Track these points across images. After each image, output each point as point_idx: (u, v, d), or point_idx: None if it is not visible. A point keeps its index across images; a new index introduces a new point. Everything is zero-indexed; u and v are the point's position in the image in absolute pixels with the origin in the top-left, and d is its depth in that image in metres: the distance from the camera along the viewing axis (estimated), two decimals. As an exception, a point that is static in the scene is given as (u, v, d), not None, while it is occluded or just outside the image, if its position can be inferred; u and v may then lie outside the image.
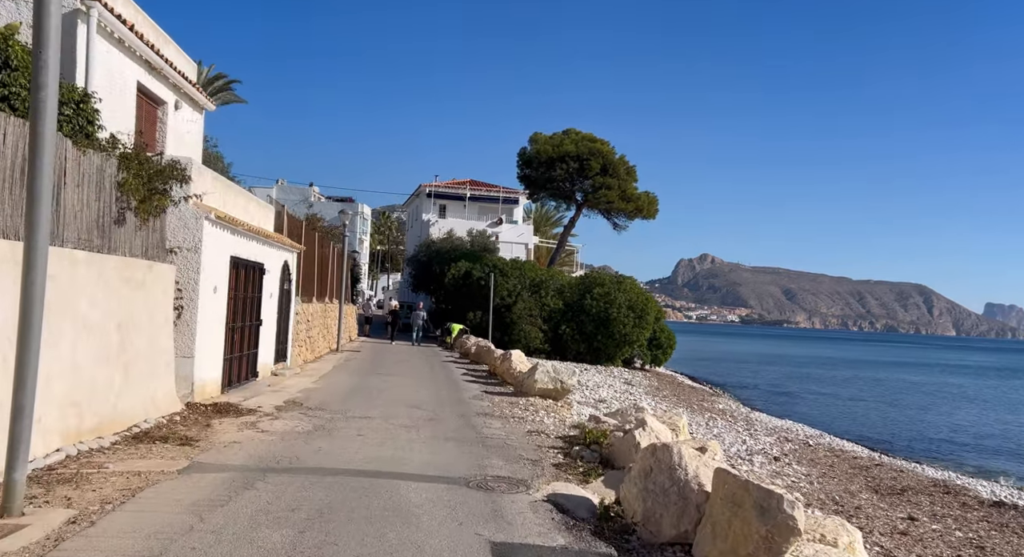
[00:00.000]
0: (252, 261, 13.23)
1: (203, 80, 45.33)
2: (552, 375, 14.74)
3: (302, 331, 19.38)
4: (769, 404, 32.72)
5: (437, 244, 43.22)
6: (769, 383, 47.19)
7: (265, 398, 11.92)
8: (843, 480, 14.85)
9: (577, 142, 37.11)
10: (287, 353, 16.69)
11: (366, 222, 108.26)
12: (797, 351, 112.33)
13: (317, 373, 16.91)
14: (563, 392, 14.86)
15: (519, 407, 13.40)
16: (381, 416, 10.93)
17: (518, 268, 34.66)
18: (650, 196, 38.12)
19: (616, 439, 8.93)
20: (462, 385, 16.44)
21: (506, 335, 32.12)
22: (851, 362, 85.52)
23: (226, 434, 8.64)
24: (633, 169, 37.94)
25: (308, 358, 19.95)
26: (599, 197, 36.66)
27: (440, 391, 14.88)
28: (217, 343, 11.40)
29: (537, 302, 33.33)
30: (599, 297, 32.17)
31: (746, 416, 22.89)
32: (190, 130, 14.13)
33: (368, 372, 18.08)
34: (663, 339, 34.10)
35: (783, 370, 64.48)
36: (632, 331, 31.58)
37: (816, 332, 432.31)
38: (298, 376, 15.90)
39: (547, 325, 32.89)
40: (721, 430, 18.43)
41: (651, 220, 38.54)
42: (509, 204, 52.80)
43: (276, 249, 15.07)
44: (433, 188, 52.30)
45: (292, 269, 16.69)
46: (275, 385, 13.88)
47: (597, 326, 31.99)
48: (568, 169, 36.68)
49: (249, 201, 13.53)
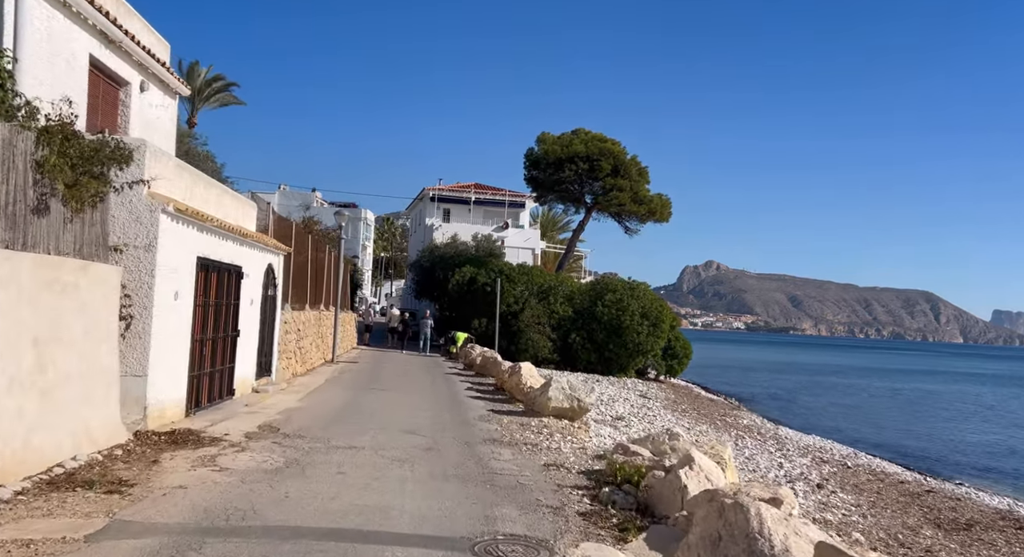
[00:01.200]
0: (227, 263, 11.59)
1: (201, 81, 43.91)
2: (568, 392, 13.05)
3: (291, 341, 17.72)
4: (791, 417, 30.97)
5: (441, 249, 41.58)
6: (785, 393, 45.42)
7: (237, 422, 10.25)
8: (897, 512, 13.12)
9: (587, 142, 35.46)
10: (272, 366, 15.04)
11: (369, 228, 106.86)
12: (806, 359, 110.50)
13: (305, 389, 15.24)
14: (580, 412, 13.16)
15: (531, 430, 11.71)
16: (371, 445, 9.25)
17: (525, 274, 32.99)
18: (663, 198, 36.43)
19: (656, 480, 7.23)
20: (466, 403, 14.75)
21: (513, 344, 30.44)
22: (863, 370, 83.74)
23: (173, 475, 6.97)
24: (645, 170, 36.27)
25: (298, 371, 18.29)
26: (610, 199, 34.97)
27: (441, 411, 13.19)
28: (179, 358, 9.74)
29: (545, 309, 31.64)
30: (611, 304, 30.46)
31: (774, 433, 21.14)
32: (160, 116, 12.54)
33: (363, 387, 16.40)
34: (679, 348, 32.34)
35: (796, 379, 62.72)
36: (646, 340, 29.85)
37: (823, 339, 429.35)
38: (283, 393, 14.23)
39: (556, 333, 31.19)
40: (753, 451, 16.71)
41: (664, 223, 36.86)
42: (515, 208, 51.18)
43: (258, 251, 13.43)
44: (437, 192, 50.71)
45: (278, 273, 15.06)
46: (254, 404, 12.21)
47: (609, 335, 30.27)
48: (577, 170, 35.02)
49: (224, 195, 11.91)
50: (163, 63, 12.54)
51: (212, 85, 44.29)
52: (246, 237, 12.34)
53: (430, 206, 50.73)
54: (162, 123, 12.62)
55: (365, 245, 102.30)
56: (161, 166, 9.11)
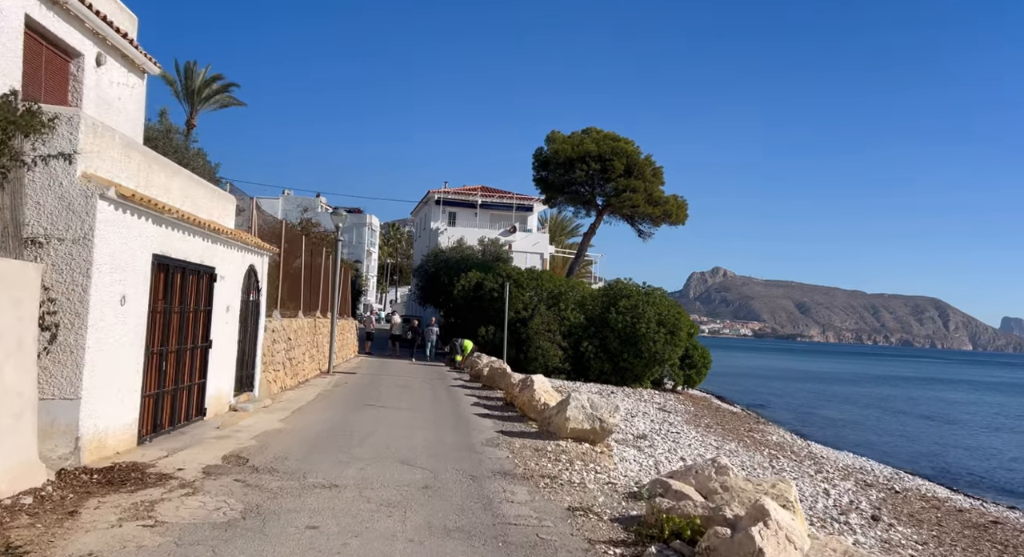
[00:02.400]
0: (195, 263, 9.97)
1: (200, 82, 42.54)
2: (588, 411, 11.37)
3: (280, 352, 16.10)
4: (815, 429, 29.23)
5: (446, 254, 39.99)
6: (804, 403, 43.64)
7: (200, 451, 8.61)
8: (969, 549, 11.40)
9: (598, 141, 33.87)
10: (254, 381, 13.40)
11: (374, 234, 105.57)
12: (817, 366, 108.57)
13: (292, 406, 13.59)
14: (603, 434, 11.48)
15: (547, 457, 10.04)
16: (356, 482, 7.59)
17: (535, 278, 31.33)
18: (679, 200, 34.76)
19: (720, 541, 5.53)
20: (472, 422, 13.08)
21: (521, 353, 28.78)
22: (876, 378, 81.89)
23: (87, 535, 5.32)
24: (660, 170, 34.62)
25: (288, 384, 16.65)
26: (623, 201, 33.33)
27: (444, 433, 11.53)
28: (128, 375, 8.11)
29: (555, 316, 29.95)
30: (625, 310, 28.77)
31: (807, 451, 19.39)
32: (123, 96, 10.96)
33: (357, 403, 14.75)
34: (697, 357, 30.59)
35: (810, 387, 60.96)
36: (663, 348, 28.13)
37: (831, 346, 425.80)
38: (265, 411, 12.59)
39: (567, 342, 29.50)
40: (792, 473, 14.97)
41: (680, 226, 35.16)
42: (523, 212, 49.61)
43: (236, 250, 11.82)
44: (442, 195, 49.19)
45: (261, 276, 13.44)
46: (228, 426, 10.57)
47: (623, 343, 28.56)
48: (589, 170, 33.42)
49: (194, 185, 10.31)
50: (127, 36, 10.97)
51: (211, 85, 42.94)
52: (220, 234, 10.73)
53: (435, 209, 49.20)
54: (126, 105, 11.04)
55: (370, 251, 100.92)
56: (102, 143, 7.50)
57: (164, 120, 24.51)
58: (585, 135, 34.63)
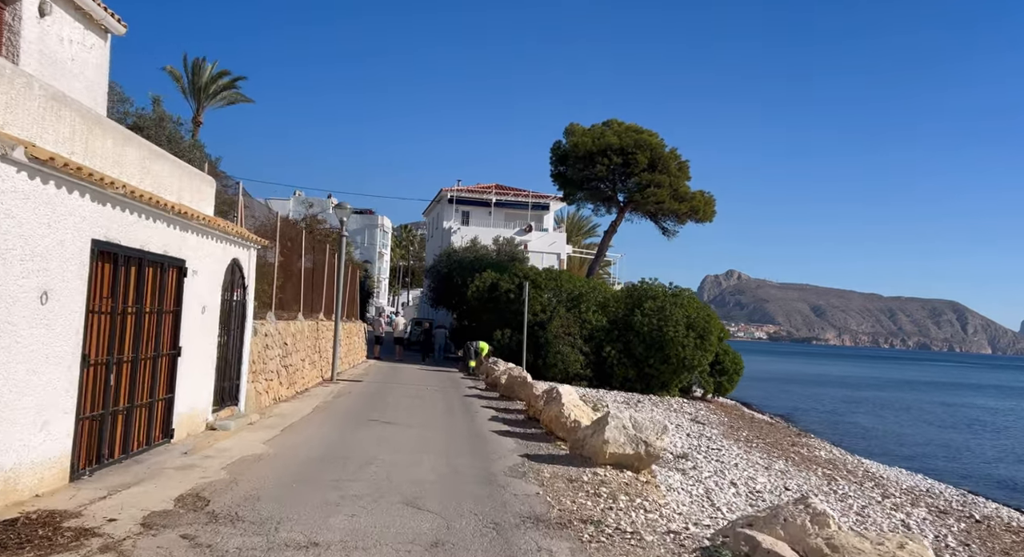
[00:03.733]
0: (156, 254, 8.19)
1: (206, 77, 41.05)
2: (631, 433, 9.47)
3: (273, 359, 14.32)
4: (857, 441, 27.20)
5: (459, 254, 38.18)
6: (832, 410, 41.53)
7: (149, 489, 6.81)
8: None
9: (620, 133, 31.97)
10: (239, 393, 11.61)
11: (386, 235, 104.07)
12: (837, 370, 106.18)
13: (283, 421, 11.79)
14: (648, 460, 9.59)
15: (585, 491, 8.17)
16: (343, 538, 5.75)
17: (553, 279, 29.48)
18: (705, 195, 32.80)
19: None
20: (492, 442, 11.22)
21: (540, 358, 26.92)
22: (901, 383, 79.55)
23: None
24: (686, 164, 32.68)
25: (283, 395, 14.87)
26: (647, 197, 31.39)
27: (459, 457, 9.68)
28: (54, 394, 6.32)
29: (576, 319, 28.07)
30: (651, 313, 26.84)
31: (863, 470, 17.39)
32: (79, 57, 9.23)
33: (359, 418, 12.93)
34: (728, 363, 28.61)
35: (835, 393, 58.79)
36: (692, 354, 26.17)
37: (847, 349, 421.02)
38: (250, 429, 10.79)
39: (588, 346, 27.60)
40: (856, 498, 13.01)
41: (707, 223, 33.19)
42: (539, 210, 47.71)
43: (214, 240, 10.04)
44: (455, 193, 47.36)
45: (247, 272, 11.65)
46: (198, 451, 8.77)
47: (649, 348, 26.63)
48: (610, 164, 31.52)
49: (155, 159, 8.53)
50: (82, -15, 9.24)
51: (217, 81, 41.49)
52: (192, 219, 8.95)
53: (448, 208, 47.41)
54: (83, 69, 9.30)
55: (382, 253, 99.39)
56: (13, 92, 5.72)
57: (157, 108, 22.84)
58: (606, 127, 32.74)
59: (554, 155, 34.07)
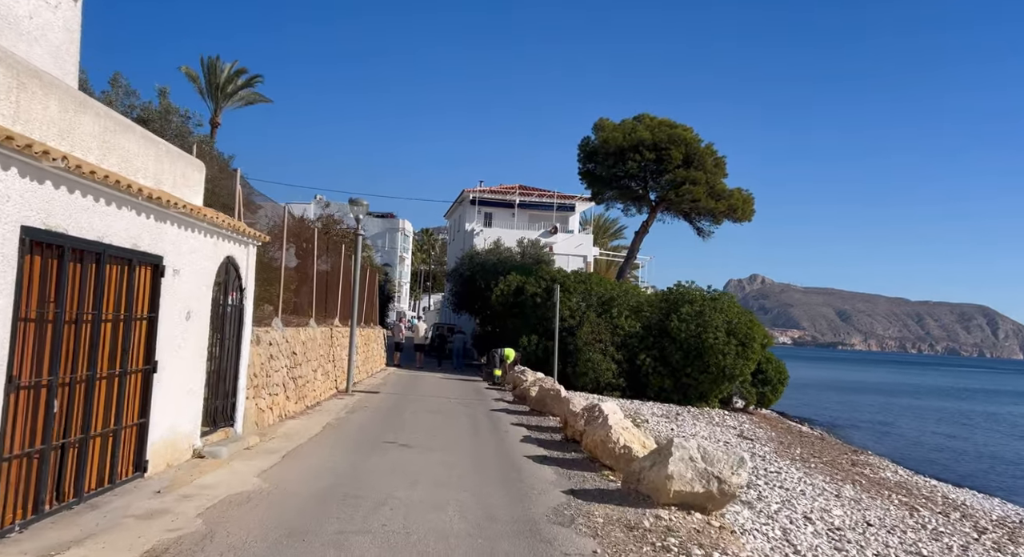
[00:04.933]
0: (122, 248, 6.66)
1: (225, 76, 39.93)
2: (700, 466, 7.77)
3: (279, 370, 12.78)
4: (913, 456, 25.15)
5: (482, 256, 36.63)
6: (879, 422, 39.29)
7: (95, 551, 5.24)
8: None
9: (653, 128, 30.23)
10: (235, 412, 10.05)
11: (407, 239, 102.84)
12: (869, 376, 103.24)
13: (286, 445, 10.21)
14: (722, 499, 7.87)
15: (651, 544, 6.50)
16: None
17: (582, 282, 27.80)
18: (744, 193, 30.93)
19: None
20: (527, 471, 9.55)
21: (569, 366, 25.26)
22: (937, 390, 76.66)
23: None
24: (723, 160, 30.86)
25: (291, 411, 13.32)
26: (682, 195, 29.60)
27: (490, 494, 8.03)
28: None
29: (607, 324, 26.37)
30: (688, 318, 25.07)
31: (941, 495, 15.49)
32: (37, 16, 7.75)
33: (373, 439, 11.32)
34: (771, 372, 26.74)
35: (874, 401, 56.41)
36: (734, 362, 24.34)
37: (874, 354, 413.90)
38: (246, 456, 9.22)
39: (620, 353, 25.88)
40: (951, 537, 11.18)
41: (746, 223, 31.31)
42: (564, 211, 46.07)
43: (201, 234, 8.50)
44: (478, 194, 45.85)
45: (245, 271, 10.11)
46: (175, 488, 7.21)
47: (686, 356, 24.85)
48: (642, 161, 29.77)
49: (121, 132, 7.01)
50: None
51: (235, 81, 40.38)
52: (170, 207, 7.41)
53: (470, 210, 45.92)
54: (43, 29, 7.82)
55: (403, 257, 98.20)
56: None
57: (164, 100, 21.51)
58: (637, 122, 31.02)
59: (582, 152, 32.41)
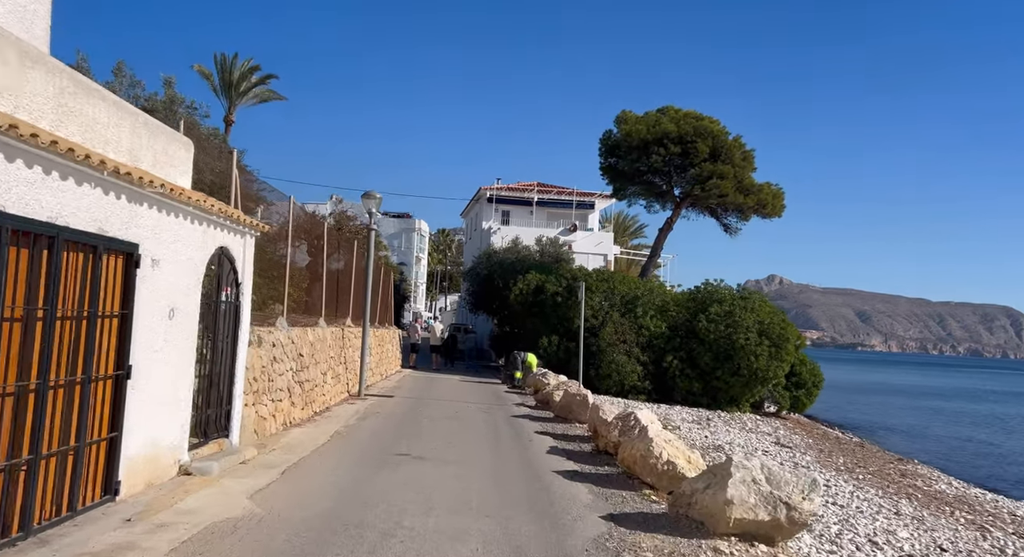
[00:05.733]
0: (85, 232, 5.63)
1: (239, 73, 39.17)
2: (765, 489, 6.62)
3: (284, 374, 11.74)
4: (954, 463, 23.74)
5: (500, 255, 35.54)
6: (913, 426, 37.79)
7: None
8: None
9: (678, 120, 29.00)
10: (230, 421, 9.00)
11: (424, 239, 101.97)
12: (893, 378, 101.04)
13: (287, 457, 9.15)
14: (791, 529, 6.71)
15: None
16: None
17: (604, 280, 26.63)
18: (773, 188, 29.62)
19: None
20: (556, 490, 8.42)
21: (592, 368, 24.10)
22: (965, 392, 74.64)
23: None
24: (751, 154, 29.56)
25: (296, 418, 12.28)
26: (709, 190, 28.32)
27: (518, 522, 6.92)
28: None
29: (632, 325, 25.19)
30: (718, 318, 23.83)
31: (1007, 511, 14.18)
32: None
33: (384, 450, 10.23)
34: (805, 375, 25.45)
35: (900, 403, 54.78)
36: (766, 365, 23.08)
37: (895, 355, 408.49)
38: (240, 472, 8.16)
39: (646, 355, 24.70)
40: (1031, 564, 9.94)
41: (776, 218, 29.99)
42: (583, 209, 44.87)
43: (188, 220, 7.47)
44: (495, 192, 44.77)
45: (241, 264, 9.07)
46: (147, 517, 6.15)
47: (716, 358, 23.63)
48: (667, 154, 28.54)
49: (83, 96, 5.97)
50: None
51: (248, 78, 39.61)
52: (146, 186, 6.37)
53: (487, 208, 44.84)
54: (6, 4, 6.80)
55: (419, 257, 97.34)
56: None
57: (169, 90, 20.59)
58: (661, 114, 29.79)
59: (603, 146, 31.21)
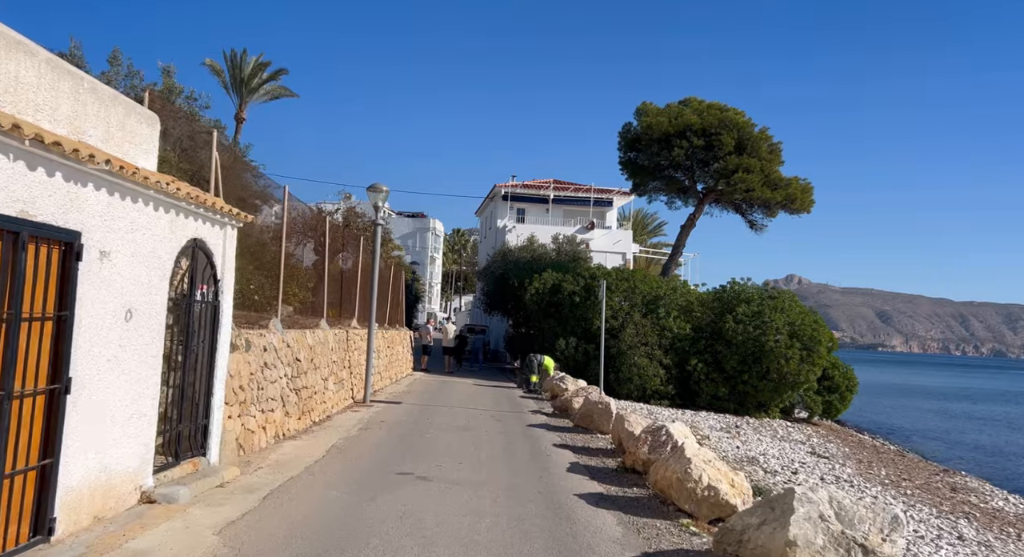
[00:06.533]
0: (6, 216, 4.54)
1: (249, 70, 38.44)
2: (835, 529, 5.41)
3: (277, 382, 10.66)
4: (1000, 473, 22.28)
5: (515, 253, 34.41)
6: (948, 431, 36.13)
7: None
8: None
9: (701, 112, 27.73)
10: (207, 437, 7.91)
11: (438, 239, 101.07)
12: (914, 379, 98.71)
13: (273, 478, 8.05)
14: (869, 577, 5.51)
15: None
16: None
17: (625, 279, 25.41)
18: (801, 182, 28.25)
19: None
20: (583, 521, 7.24)
21: (612, 371, 22.89)
22: (993, 394, 72.41)
23: None
24: (778, 146, 28.23)
25: (292, 428, 11.20)
26: (734, 184, 27.02)
27: None
28: None
29: (654, 326, 23.97)
30: (745, 319, 22.56)
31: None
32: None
33: (384, 468, 9.10)
34: (839, 379, 24.08)
35: (929, 406, 52.93)
36: (798, 368, 21.77)
37: (917, 356, 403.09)
38: (214, 497, 7.06)
39: (668, 358, 23.46)
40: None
41: (805, 214, 28.64)
42: (601, 206, 43.67)
43: (150, 206, 6.39)
44: (509, 189, 43.66)
45: (220, 259, 7.98)
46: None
47: (743, 361, 22.35)
48: (690, 147, 27.27)
49: (7, 50, 4.89)
50: None
51: (259, 74, 38.86)
52: (86, 162, 5.29)
53: (502, 206, 43.73)
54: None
55: (434, 257, 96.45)
56: None
57: (168, 79, 19.66)
58: (683, 106, 28.54)
59: (622, 140, 29.99)
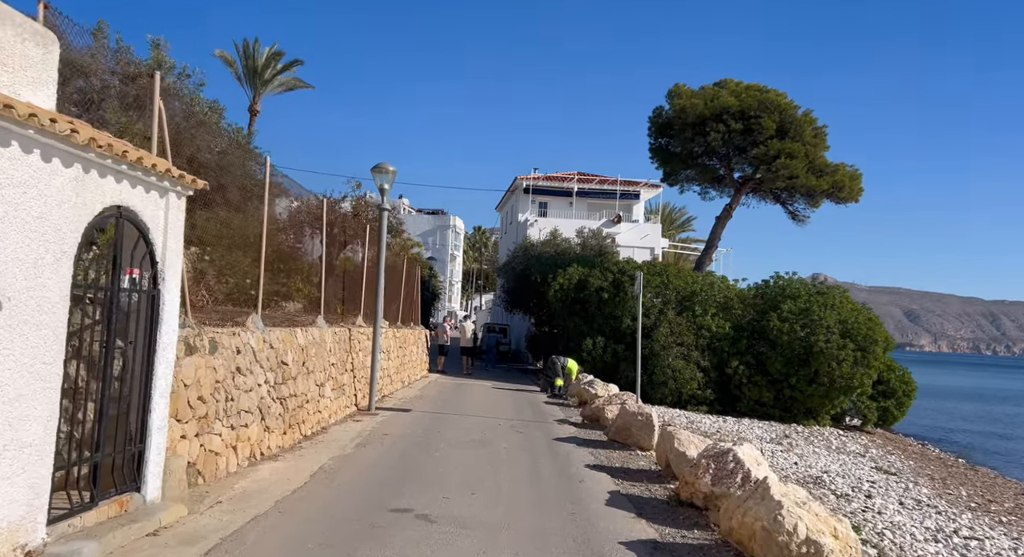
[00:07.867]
0: None
1: (261, 61, 37.10)
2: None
3: (252, 390, 8.85)
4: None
5: (537, 248, 32.55)
6: (1005, 438, 33.67)
7: None
8: None
9: (739, 93, 25.63)
10: (143, 465, 6.11)
11: (459, 237, 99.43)
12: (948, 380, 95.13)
13: (227, 521, 6.23)
14: None
15: None
16: None
17: (658, 274, 23.42)
18: (849, 169, 26.05)
19: None
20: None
21: (644, 374, 20.87)
22: (1035, 396, 69.22)
23: None
24: (823, 130, 26.05)
25: (273, 446, 9.39)
26: (776, 170, 24.88)
27: None
28: None
29: (689, 324, 21.95)
30: (792, 316, 20.47)
31: None
32: None
33: (376, 504, 7.24)
34: (895, 383, 21.92)
35: (973, 409, 50.13)
36: (852, 371, 19.65)
37: (946, 356, 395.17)
38: (137, 552, 5.26)
39: (706, 359, 21.44)
40: None
41: (853, 203, 26.43)
42: (627, 199, 41.65)
43: (35, 157, 4.59)
44: (531, 182, 41.80)
45: (158, 236, 6.18)
46: None
47: (789, 363, 20.28)
48: (727, 132, 25.18)
49: None
50: None
51: (273, 65, 37.45)
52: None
53: (523, 199, 41.89)
54: None
55: (454, 255, 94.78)
56: None
57: (156, 52, 17.94)
58: (719, 88, 26.46)
59: (653, 125, 27.97)
